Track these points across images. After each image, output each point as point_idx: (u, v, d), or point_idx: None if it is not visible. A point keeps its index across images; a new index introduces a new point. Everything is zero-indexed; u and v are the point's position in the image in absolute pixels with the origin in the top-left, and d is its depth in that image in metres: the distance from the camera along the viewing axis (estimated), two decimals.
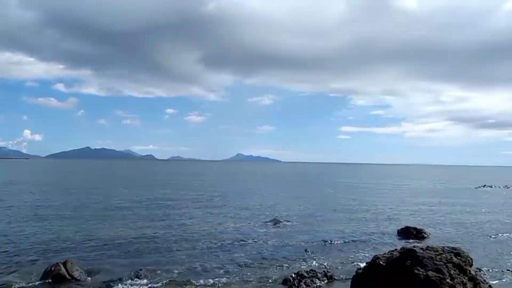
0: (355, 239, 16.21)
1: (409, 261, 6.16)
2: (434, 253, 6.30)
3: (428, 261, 6.01)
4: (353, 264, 12.10)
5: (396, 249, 6.96)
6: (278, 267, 11.85)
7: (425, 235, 16.68)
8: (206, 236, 16.11)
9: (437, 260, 6.02)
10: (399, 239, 16.42)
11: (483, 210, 27.48)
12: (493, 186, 56.03)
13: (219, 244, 14.75)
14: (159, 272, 11.06)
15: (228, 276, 10.90)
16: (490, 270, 11.77)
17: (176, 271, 11.23)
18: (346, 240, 15.82)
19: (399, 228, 17.80)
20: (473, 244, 15.81)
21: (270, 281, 10.55)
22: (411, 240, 15.86)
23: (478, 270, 11.64)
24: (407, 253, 6.38)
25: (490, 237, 17.28)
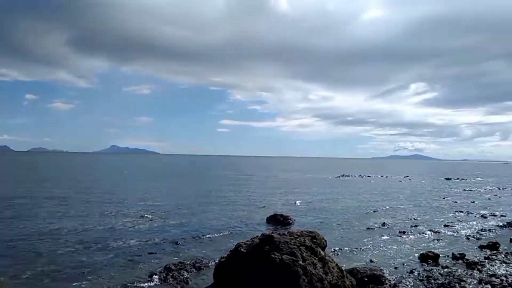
0: (226, 229, 16.50)
1: (267, 247, 6.41)
2: (290, 237, 6.68)
3: (283, 245, 6.32)
4: (222, 253, 12.24)
5: (257, 236, 7.18)
6: (146, 264, 11.27)
7: (291, 221, 17.90)
8: (66, 236, 14.56)
9: (291, 244, 6.38)
10: (267, 226, 17.28)
11: (341, 197, 30.81)
12: (350, 176, 63.50)
13: (81, 244, 13.39)
14: (2, 279, 9.54)
15: (89, 279, 9.92)
16: (343, 250, 13.16)
17: (25, 276, 9.84)
18: (218, 231, 15.99)
19: (268, 216, 18.77)
20: (330, 227, 17.53)
21: (136, 279, 9.97)
22: (278, 227, 16.87)
23: (333, 251, 12.97)
24: (265, 239, 6.63)
25: (347, 221, 19.36)
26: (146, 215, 19.12)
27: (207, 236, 15.12)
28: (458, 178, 63.23)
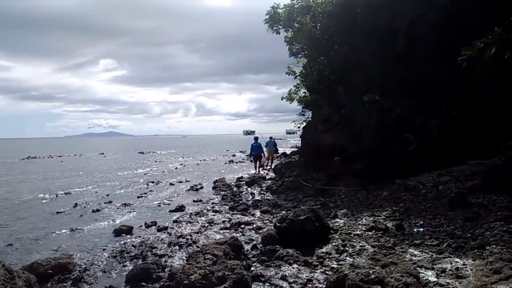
0: None
1: None
2: None
3: None
4: None
5: None
6: None
7: None
8: None
9: None
10: None
11: (25, 182, 26.71)
12: (38, 157, 56.68)
13: None
14: None
15: None
16: (24, 243, 11.06)
17: None
18: None
19: None
20: (9, 219, 14.59)
21: None
22: None
23: (11, 245, 10.66)
24: None
25: (31, 208, 16.70)
26: None
27: None
28: (150, 152, 68.17)
